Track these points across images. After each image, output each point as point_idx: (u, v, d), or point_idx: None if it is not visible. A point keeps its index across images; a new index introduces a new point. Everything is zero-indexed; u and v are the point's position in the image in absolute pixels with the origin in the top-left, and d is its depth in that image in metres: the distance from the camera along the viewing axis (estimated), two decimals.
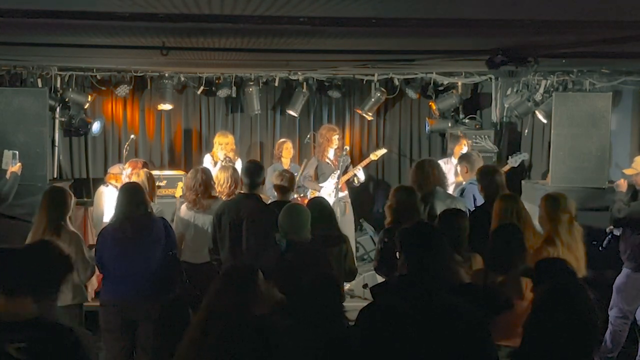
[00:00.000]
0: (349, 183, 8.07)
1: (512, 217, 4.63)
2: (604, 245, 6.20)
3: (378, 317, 2.99)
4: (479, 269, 4.32)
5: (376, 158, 8.24)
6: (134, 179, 5.81)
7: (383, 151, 8.30)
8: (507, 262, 4.03)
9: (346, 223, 7.72)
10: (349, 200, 7.98)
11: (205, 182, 5.66)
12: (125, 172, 6.50)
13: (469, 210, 5.48)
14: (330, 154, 8.00)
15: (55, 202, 4.85)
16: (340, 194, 7.72)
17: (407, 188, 5.19)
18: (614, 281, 5.96)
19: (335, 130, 8.18)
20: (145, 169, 6.10)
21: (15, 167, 6.35)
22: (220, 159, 7.56)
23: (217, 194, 5.76)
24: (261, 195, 5.47)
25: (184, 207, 5.77)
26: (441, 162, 6.52)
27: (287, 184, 5.60)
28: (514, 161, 7.89)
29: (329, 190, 7.70)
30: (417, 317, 2.90)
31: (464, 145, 7.86)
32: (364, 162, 8.13)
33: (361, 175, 8.05)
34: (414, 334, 2.87)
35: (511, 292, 3.93)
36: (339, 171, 7.72)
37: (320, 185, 7.91)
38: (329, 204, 5.33)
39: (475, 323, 2.93)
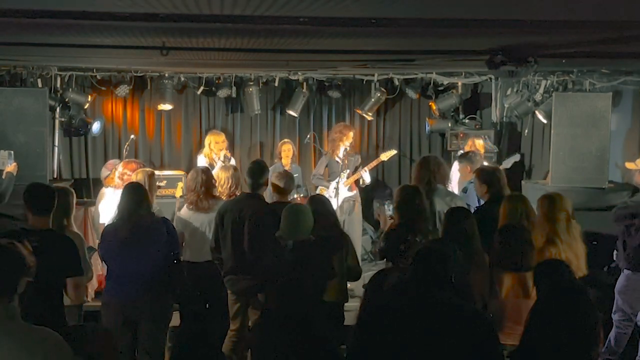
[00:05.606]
0: (356, 183, 7.99)
1: (522, 217, 4.59)
2: (612, 267, 6.04)
3: (377, 316, 2.99)
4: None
5: (386, 159, 8.04)
6: (134, 178, 5.79)
7: (393, 152, 8.05)
8: (514, 262, 4.03)
9: (353, 222, 7.68)
10: (359, 199, 7.86)
11: (207, 182, 5.62)
12: (118, 172, 6.42)
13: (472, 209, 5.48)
14: (341, 152, 7.87)
15: (58, 202, 4.83)
16: (350, 193, 7.66)
17: (411, 187, 5.15)
18: (614, 281, 5.92)
19: (352, 128, 8.11)
20: (149, 168, 6.05)
21: (10, 167, 6.31)
22: (220, 158, 7.55)
23: (218, 194, 5.74)
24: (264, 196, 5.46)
25: (184, 207, 5.76)
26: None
27: (284, 185, 5.58)
28: (506, 163, 7.88)
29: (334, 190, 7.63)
30: (418, 317, 2.89)
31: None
32: (374, 163, 7.91)
33: (367, 177, 7.85)
34: (415, 334, 2.87)
35: (519, 290, 3.94)
36: (348, 170, 7.66)
37: (330, 183, 7.82)
38: (329, 202, 5.30)
39: (481, 324, 2.92)
